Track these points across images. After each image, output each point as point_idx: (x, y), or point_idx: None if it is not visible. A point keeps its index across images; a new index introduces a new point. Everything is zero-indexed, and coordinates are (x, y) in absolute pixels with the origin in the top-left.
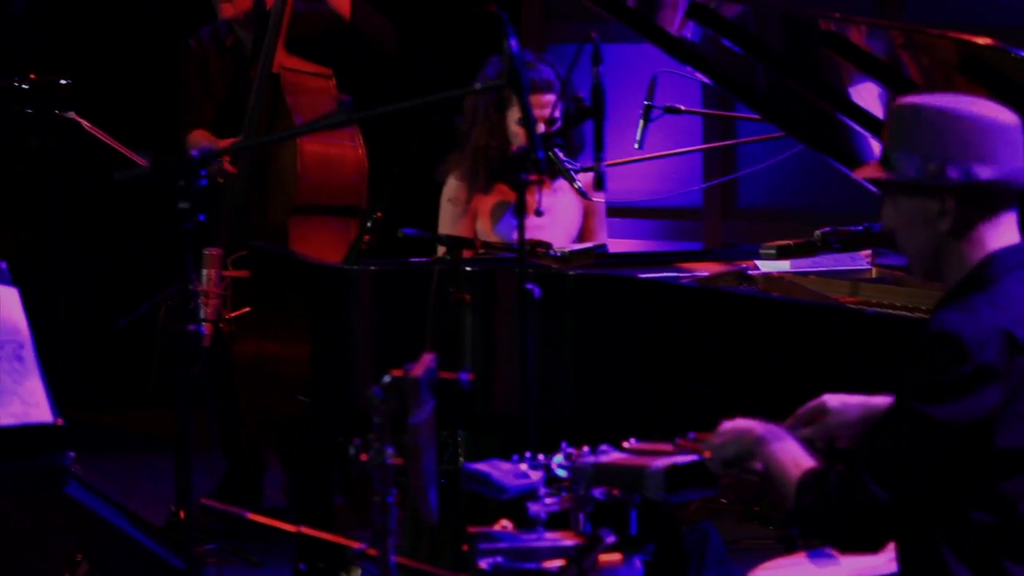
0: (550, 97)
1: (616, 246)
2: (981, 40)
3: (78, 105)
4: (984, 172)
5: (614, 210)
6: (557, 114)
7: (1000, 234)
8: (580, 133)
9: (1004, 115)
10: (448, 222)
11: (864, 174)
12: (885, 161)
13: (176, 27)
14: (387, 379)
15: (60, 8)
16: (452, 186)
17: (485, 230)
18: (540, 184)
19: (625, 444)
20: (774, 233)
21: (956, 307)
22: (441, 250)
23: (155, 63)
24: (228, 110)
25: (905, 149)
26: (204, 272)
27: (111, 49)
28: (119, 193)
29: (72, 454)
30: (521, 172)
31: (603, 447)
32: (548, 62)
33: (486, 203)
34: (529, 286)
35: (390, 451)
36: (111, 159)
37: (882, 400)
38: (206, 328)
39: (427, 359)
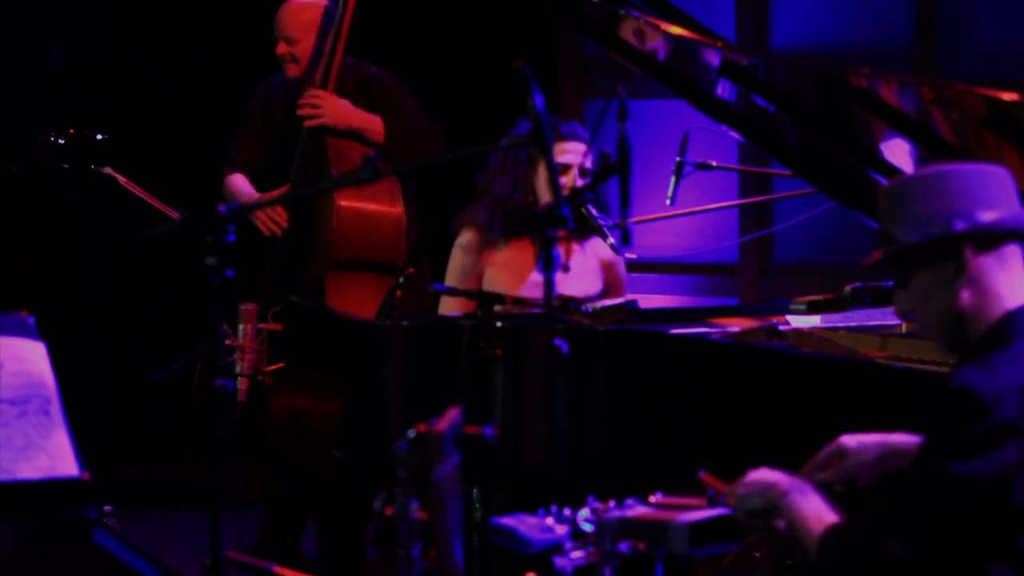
0: (578, 145)
1: (652, 302)
2: (1007, 96)
3: (116, 160)
4: (988, 216)
5: (650, 266)
6: (588, 164)
7: (1014, 288)
8: (606, 190)
9: (989, 166)
10: (457, 272)
11: (872, 259)
12: (886, 241)
13: (215, 83)
14: (412, 434)
15: (98, 64)
16: (466, 237)
17: (496, 284)
18: (568, 240)
19: (651, 498)
20: (811, 289)
21: (976, 364)
22: (448, 303)
23: (192, 119)
24: (282, 160)
25: (906, 220)
26: (240, 327)
27: (149, 105)
28: (155, 247)
29: (108, 507)
30: (549, 228)
31: (629, 501)
32: (578, 124)
33: (498, 257)
34: (557, 342)
35: (415, 505)
36: (146, 214)
37: (899, 437)
38: (242, 383)
39: (452, 414)
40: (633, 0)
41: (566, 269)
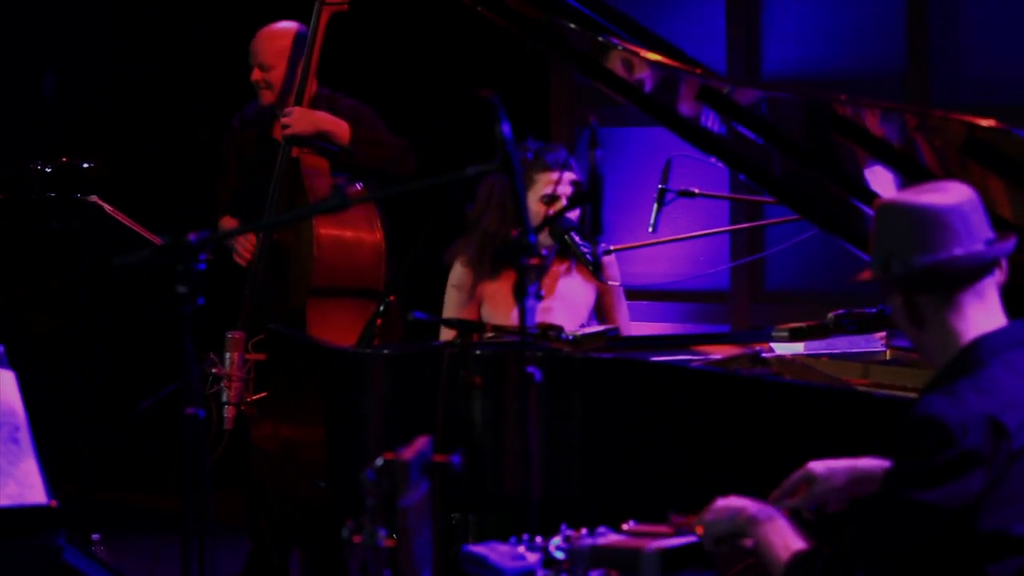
0: (566, 173)
1: (642, 329)
2: (984, 122)
3: (107, 187)
4: (922, 260)
5: (641, 293)
6: (571, 190)
7: (971, 317)
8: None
9: (949, 199)
10: (453, 308)
11: (860, 278)
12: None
13: (208, 111)
14: (379, 461)
15: (89, 92)
16: (458, 272)
17: (491, 315)
18: (541, 268)
19: (624, 526)
20: (802, 316)
21: (941, 392)
22: (446, 333)
23: (184, 146)
24: (260, 192)
25: (872, 251)
26: (227, 355)
27: (141, 133)
28: (143, 275)
29: (97, 535)
30: (521, 257)
31: (601, 529)
32: (563, 150)
33: (492, 289)
34: (530, 370)
35: (383, 533)
36: (133, 243)
37: (868, 462)
38: (229, 411)
39: (420, 442)
40: (615, 29)
41: (540, 297)
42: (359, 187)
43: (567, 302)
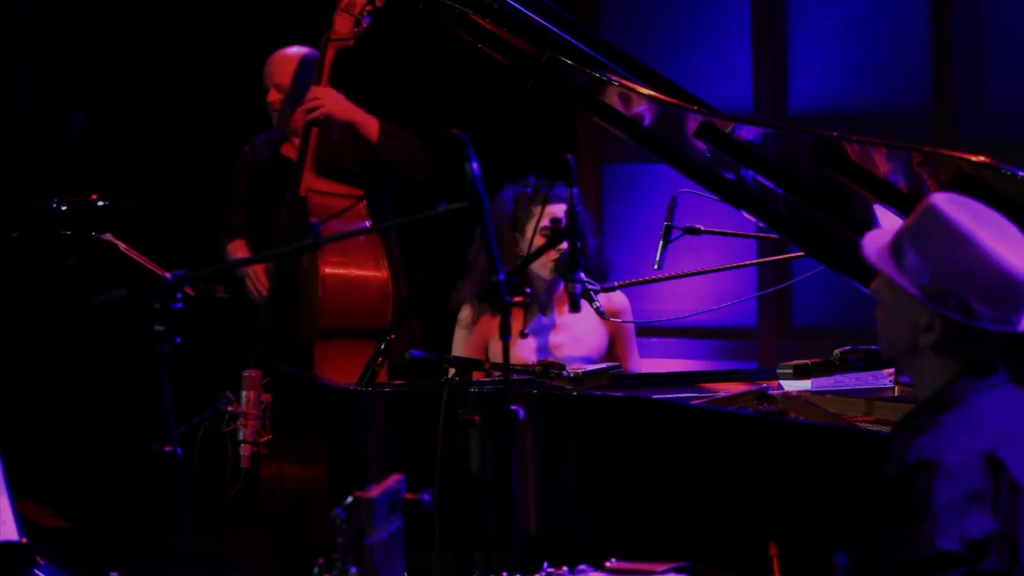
0: (562, 205)
1: (668, 366)
2: (975, 157)
3: (138, 225)
4: (981, 314)
5: (668, 330)
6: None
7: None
8: (603, 257)
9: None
10: (460, 346)
11: (870, 249)
12: (897, 246)
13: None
14: (348, 500)
15: (120, 128)
16: (465, 311)
17: (497, 353)
18: (525, 306)
19: (607, 563)
20: (829, 352)
21: (930, 435)
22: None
23: (212, 183)
24: (269, 218)
25: (920, 251)
26: (243, 393)
27: (170, 170)
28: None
29: (115, 573)
30: (505, 295)
31: (582, 567)
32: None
33: (496, 327)
34: (513, 407)
35: (353, 571)
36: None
37: None
38: (245, 449)
39: (390, 480)
40: (614, 66)
41: (523, 336)
42: (367, 223)
43: (578, 341)
